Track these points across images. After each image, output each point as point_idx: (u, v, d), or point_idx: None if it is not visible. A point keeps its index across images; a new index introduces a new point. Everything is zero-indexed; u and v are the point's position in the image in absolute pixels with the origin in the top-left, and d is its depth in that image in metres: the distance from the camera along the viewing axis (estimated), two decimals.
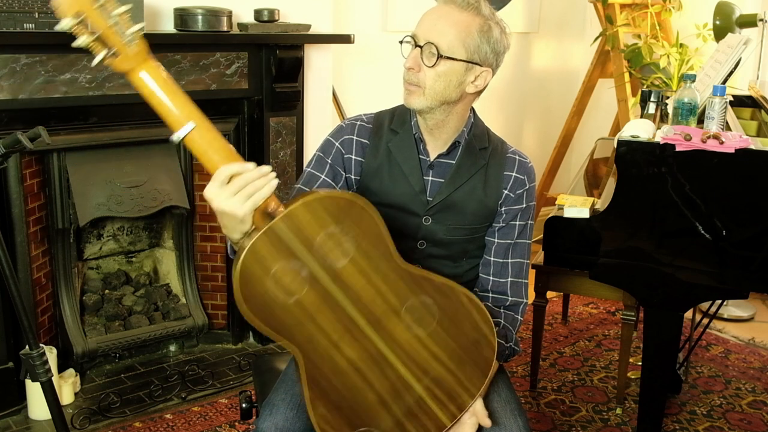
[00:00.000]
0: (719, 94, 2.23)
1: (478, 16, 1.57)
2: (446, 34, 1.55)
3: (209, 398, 2.78)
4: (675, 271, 2.13)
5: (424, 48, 1.56)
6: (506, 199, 1.71)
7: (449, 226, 1.70)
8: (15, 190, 2.54)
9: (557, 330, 3.46)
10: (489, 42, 1.59)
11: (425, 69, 1.56)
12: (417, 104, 1.60)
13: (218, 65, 2.82)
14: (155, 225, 3.12)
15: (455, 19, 1.56)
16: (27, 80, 2.43)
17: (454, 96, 1.60)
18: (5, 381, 2.60)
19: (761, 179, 2.02)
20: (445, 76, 1.57)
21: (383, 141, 1.69)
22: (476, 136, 1.70)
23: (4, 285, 1.72)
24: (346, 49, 3.37)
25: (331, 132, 1.75)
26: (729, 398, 2.91)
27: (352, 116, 1.77)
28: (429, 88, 1.58)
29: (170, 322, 3.02)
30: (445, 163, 1.69)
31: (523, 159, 1.74)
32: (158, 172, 2.89)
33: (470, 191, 1.69)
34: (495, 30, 1.60)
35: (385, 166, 1.68)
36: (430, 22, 1.57)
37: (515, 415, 1.60)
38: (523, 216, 1.73)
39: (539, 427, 2.67)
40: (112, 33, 1.25)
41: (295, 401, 1.58)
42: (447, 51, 1.55)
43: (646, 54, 3.92)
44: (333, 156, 1.70)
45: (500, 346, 1.68)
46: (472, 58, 1.57)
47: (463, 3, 1.57)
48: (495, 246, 1.74)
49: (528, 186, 1.73)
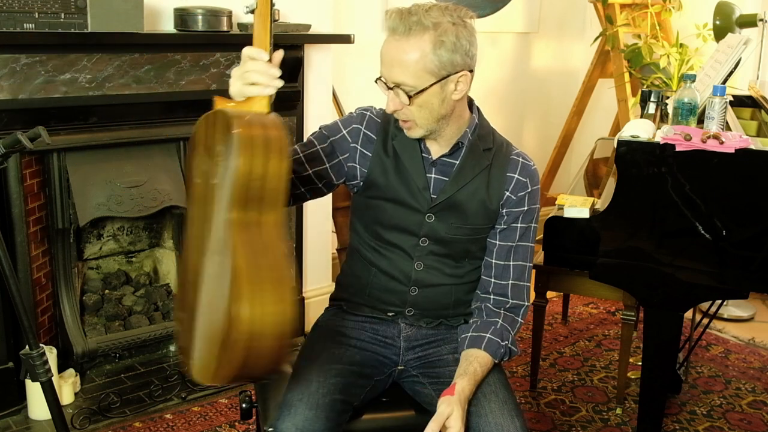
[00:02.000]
0: (719, 94, 2.23)
1: (425, 34, 1.53)
2: (406, 70, 1.54)
3: (209, 398, 2.78)
4: (675, 271, 2.13)
5: (395, 90, 1.57)
6: (507, 201, 1.71)
7: (451, 225, 1.70)
8: (15, 190, 2.54)
9: (557, 330, 3.46)
10: (450, 50, 1.55)
11: (407, 106, 1.58)
12: (416, 134, 1.64)
13: (218, 65, 2.82)
14: (155, 225, 3.12)
15: (406, 51, 1.53)
16: (27, 80, 2.43)
17: (444, 111, 1.61)
18: (5, 381, 2.60)
19: (761, 179, 2.02)
20: (426, 103, 1.58)
21: (389, 137, 1.71)
22: (481, 137, 1.71)
23: (4, 285, 1.72)
24: (346, 49, 3.36)
25: (341, 118, 1.76)
26: (729, 398, 2.90)
27: (363, 106, 1.77)
28: (418, 119, 1.60)
29: (170, 322, 3.02)
30: (448, 163, 1.70)
31: (526, 161, 1.75)
32: (158, 172, 2.89)
33: (473, 191, 1.69)
34: (450, 34, 1.54)
35: (391, 162, 1.70)
36: (388, 63, 1.57)
37: (513, 415, 1.60)
38: (525, 219, 1.73)
39: (539, 427, 2.67)
40: None
41: (313, 401, 1.57)
42: (414, 85, 1.55)
43: (646, 54, 3.92)
44: (337, 139, 1.72)
45: (496, 345, 1.68)
46: (441, 75, 1.56)
47: (404, 30, 1.53)
48: (497, 248, 1.74)
49: (530, 189, 1.73)
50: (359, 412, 1.70)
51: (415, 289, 1.76)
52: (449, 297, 1.78)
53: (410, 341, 1.80)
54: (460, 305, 1.80)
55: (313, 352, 1.73)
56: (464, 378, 1.62)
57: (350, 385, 1.66)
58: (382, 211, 1.73)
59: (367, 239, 1.78)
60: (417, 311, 1.79)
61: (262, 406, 1.81)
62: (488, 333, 1.69)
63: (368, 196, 1.75)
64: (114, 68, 2.59)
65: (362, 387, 1.71)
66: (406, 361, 1.80)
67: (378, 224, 1.75)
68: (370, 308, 1.81)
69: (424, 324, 1.80)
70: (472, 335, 1.71)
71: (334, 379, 1.63)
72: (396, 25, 1.54)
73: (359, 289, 1.81)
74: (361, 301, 1.82)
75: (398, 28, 1.54)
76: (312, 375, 1.63)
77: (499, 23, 4.23)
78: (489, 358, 1.67)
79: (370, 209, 1.76)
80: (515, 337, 1.75)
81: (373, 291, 1.79)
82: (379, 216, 1.74)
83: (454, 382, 1.61)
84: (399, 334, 1.80)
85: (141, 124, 2.77)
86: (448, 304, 1.79)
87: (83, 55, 2.52)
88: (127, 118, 2.73)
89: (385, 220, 1.74)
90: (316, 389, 1.59)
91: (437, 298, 1.78)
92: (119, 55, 2.58)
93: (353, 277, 1.83)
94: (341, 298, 1.86)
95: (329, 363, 1.68)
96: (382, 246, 1.76)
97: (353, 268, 1.84)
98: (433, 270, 1.75)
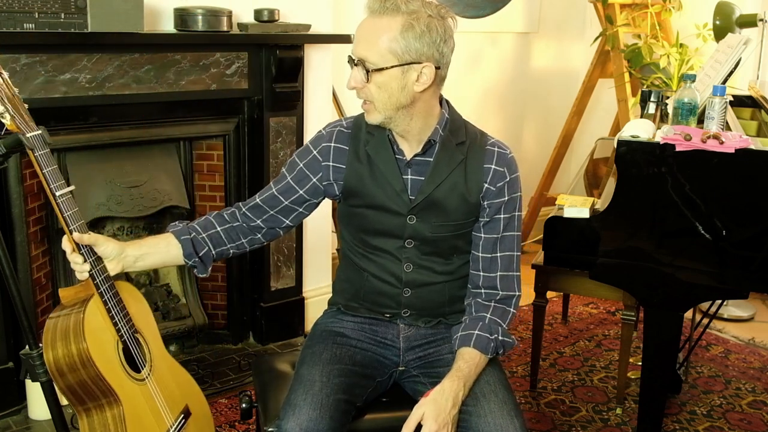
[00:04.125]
0: (719, 94, 2.23)
1: (397, 16, 1.54)
2: (372, 47, 1.56)
3: (209, 398, 2.77)
4: (675, 271, 2.13)
5: (358, 65, 1.58)
6: (487, 193, 1.70)
7: (434, 224, 1.70)
8: (15, 190, 2.54)
9: (557, 330, 3.46)
10: (419, 38, 1.55)
11: (366, 85, 1.59)
12: (374, 119, 1.64)
13: (218, 65, 2.82)
14: (155, 225, 3.12)
15: (376, 29, 1.56)
16: (27, 80, 2.43)
17: (404, 100, 1.60)
18: (5, 381, 2.60)
19: (761, 179, 2.02)
20: (385, 85, 1.58)
21: (362, 144, 1.71)
22: (452, 132, 1.70)
23: (4, 285, 1.72)
24: (346, 49, 3.35)
25: (311, 139, 1.78)
26: (729, 398, 2.90)
27: (333, 122, 1.79)
28: (377, 101, 1.61)
29: (170, 322, 3.02)
30: (422, 162, 1.70)
31: (502, 150, 1.73)
32: (158, 172, 2.89)
33: (451, 187, 1.69)
34: (421, 22, 1.55)
35: (366, 168, 1.70)
36: (358, 38, 1.59)
37: (512, 416, 1.59)
38: (507, 208, 1.72)
39: (539, 427, 2.67)
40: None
41: (317, 401, 1.57)
42: (376, 63, 1.56)
43: (646, 54, 3.92)
44: (307, 162, 1.75)
45: (485, 341, 1.68)
46: (404, 60, 1.56)
47: (380, 8, 1.56)
48: (482, 241, 1.74)
49: (509, 178, 1.71)
50: (361, 412, 1.70)
51: (408, 291, 1.76)
52: (443, 294, 1.78)
53: (410, 341, 1.80)
54: (456, 302, 1.79)
55: (314, 353, 1.73)
56: (447, 379, 1.62)
57: (353, 386, 1.66)
58: (364, 218, 1.74)
59: (355, 246, 1.79)
60: (413, 312, 1.78)
61: (262, 406, 1.81)
62: (476, 330, 1.69)
63: (350, 204, 1.76)
64: (114, 68, 2.59)
65: (364, 387, 1.71)
66: (406, 362, 1.80)
67: (362, 231, 1.76)
68: (368, 311, 1.81)
69: (423, 324, 1.80)
70: (461, 334, 1.71)
71: (338, 380, 1.64)
72: (373, 5, 1.57)
73: (354, 293, 1.82)
74: (357, 305, 1.82)
75: (374, 7, 1.57)
76: (315, 375, 1.63)
77: (499, 23, 4.23)
78: (478, 354, 1.67)
79: (353, 217, 1.76)
80: (508, 329, 1.74)
81: (367, 295, 1.79)
82: (363, 223, 1.75)
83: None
84: (398, 335, 1.80)
85: (141, 124, 2.77)
86: (443, 302, 1.79)
87: (83, 55, 2.52)
88: (127, 118, 2.73)
89: (368, 226, 1.74)
90: (320, 389, 1.59)
91: (431, 297, 1.77)
92: (119, 55, 2.59)
93: (347, 282, 1.84)
94: (338, 303, 1.87)
95: (332, 363, 1.68)
96: (370, 251, 1.76)
97: (346, 273, 1.85)
98: (423, 269, 1.75)
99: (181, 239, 1.72)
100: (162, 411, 1.76)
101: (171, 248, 1.72)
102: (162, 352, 1.85)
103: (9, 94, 1.54)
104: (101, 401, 1.66)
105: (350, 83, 1.62)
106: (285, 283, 3.23)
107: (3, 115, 1.51)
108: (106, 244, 1.64)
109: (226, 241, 1.76)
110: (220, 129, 2.99)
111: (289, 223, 1.79)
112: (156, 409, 1.75)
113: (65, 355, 1.59)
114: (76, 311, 1.62)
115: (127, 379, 1.69)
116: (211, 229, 1.75)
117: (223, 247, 1.77)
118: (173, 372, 1.88)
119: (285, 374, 1.88)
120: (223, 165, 3.05)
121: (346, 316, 1.83)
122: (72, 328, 1.60)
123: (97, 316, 1.64)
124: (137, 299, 1.81)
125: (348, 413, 1.63)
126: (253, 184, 3.06)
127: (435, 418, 1.54)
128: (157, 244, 1.73)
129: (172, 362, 1.90)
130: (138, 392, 1.72)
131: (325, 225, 3.33)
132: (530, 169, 4.53)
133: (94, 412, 1.67)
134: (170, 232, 1.74)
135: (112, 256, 1.65)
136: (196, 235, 1.74)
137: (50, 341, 1.60)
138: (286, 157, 3.08)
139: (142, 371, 1.74)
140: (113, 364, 1.66)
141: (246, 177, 3.07)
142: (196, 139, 3.01)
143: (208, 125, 2.95)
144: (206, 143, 3.03)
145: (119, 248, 1.66)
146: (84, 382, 1.62)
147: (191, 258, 1.73)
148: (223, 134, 3.01)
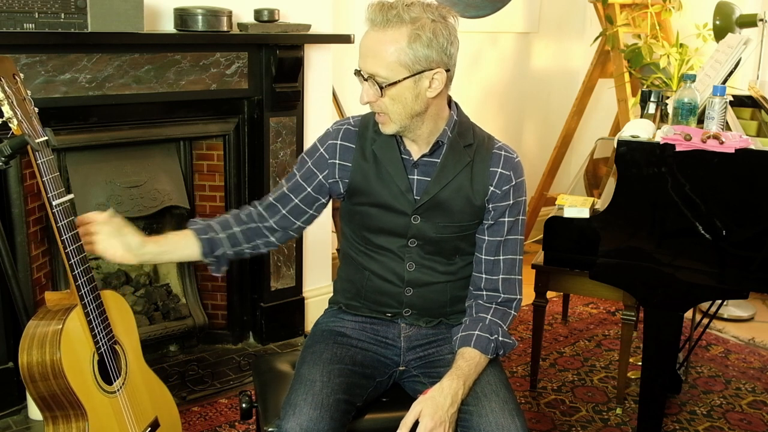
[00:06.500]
0: (719, 94, 2.23)
1: (402, 27, 1.54)
2: (381, 61, 1.55)
3: (209, 398, 2.78)
4: (675, 271, 2.13)
5: (369, 81, 1.58)
6: (492, 196, 1.71)
7: (438, 224, 1.70)
8: (15, 190, 2.54)
9: (557, 330, 3.46)
10: (427, 46, 1.55)
11: (380, 99, 1.59)
12: (390, 130, 1.64)
13: (218, 65, 2.82)
14: (155, 225, 3.12)
15: (382, 43, 1.55)
16: (27, 80, 2.42)
17: (418, 108, 1.61)
18: (5, 381, 2.60)
19: (761, 179, 2.02)
20: (399, 96, 1.58)
21: (368, 143, 1.71)
22: (461, 134, 1.71)
23: (5, 285, 1.72)
24: (346, 49, 3.36)
25: (319, 136, 1.79)
26: (729, 398, 2.91)
27: (341, 119, 1.80)
28: (392, 113, 1.61)
29: (170, 322, 3.02)
30: (429, 162, 1.70)
31: (509, 154, 1.73)
32: (158, 172, 2.89)
33: (457, 189, 1.69)
34: (427, 30, 1.54)
35: (371, 167, 1.71)
36: (364, 54, 1.58)
37: (513, 415, 1.60)
38: (512, 212, 1.73)
39: (539, 427, 2.67)
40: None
41: (317, 401, 1.57)
42: (387, 77, 1.56)
43: (646, 54, 3.92)
44: (314, 160, 1.76)
45: (485, 341, 1.68)
46: (415, 70, 1.56)
47: (382, 21, 1.55)
48: (486, 244, 1.74)
49: (515, 182, 1.72)
50: (361, 412, 1.70)
51: (409, 290, 1.76)
52: (445, 295, 1.78)
53: (411, 341, 1.80)
54: (458, 302, 1.80)
55: (315, 353, 1.73)
56: (446, 377, 1.62)
57: (353, 385, 1.67)
58: (367, 216, 1.74)
59: (357, 244, 1.79)
60: (415, 311, 1.79)
61: (262, 406, 1.81)
62: (476, 330, 1.69)
63: (353, 202, 1.76)
64: (114, 68, 2.59)
65: (365, 387, 1.71)
66: (407, 362, 1.80)
67: (365, 229, 1.76)
68: (369, 310, 1.81)
69: (424, 324, 1.80)
70: (462, 335, 1.71)
71: (338, 379, 1.64)
72: (375, 17, 1.56)
73: (355, 293, 1.82)
74: (358, 304, 1.82)
75: (377, 20, 1.55)
76: (315, 375, 1.64)
77: (499, 23, 4.23)
78: (478, 354, 1.67)
79: (357, 215, 1.77)
80: (509, 330, 1.74)
81: (368, 294, 1.79)
82: (366, 221, 1.75)
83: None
84: (399, 335, 1.80)
85: (141, 124, 2.77)
86: (444, 302, 1.79)
87: (83, 55, 2.52)
88: (127, 118, 2.73)
89: (371, 224, 1.74)
90: (320, 389, 1.60)
91: (433, 297, 1.78)
92: (119, 55, 2.59)
93: (348, 282, 1.84)
94: (339, 302, 1.87)
95: (332, 363, 1.68)
96: (372, 250, 1.77)
97: (347, 272, 1.85)
98: (425, 269, 1.75)
99: (201, 238, 1.74)
100: (129, 425, 1.77)
101: (189, 246, 1.74)
102: (139, 362, 1.87)
103: (20, 98, 1.53)
104: (68, 412, 1.66)
105: (363, 98, 1.61)
106: (285, 283, 3.23)
107: (11, 120, 1.51)
108: (131, 236, 1.66)
109: (243, 241, 1.78)
110: (220, 129, 2.99)
111: (300, 224, 1.80)
112: (123, 423, 1.75)
113: (39, 363, 1.61)
114: (56, 321, 1.63)
115: (98, 393, 1.70)
116: (228, 229, 1.77)
117: (239, 247, 1.78)
118: (147, 382, 1.89)
119: (285, 374, 1.89)
120: (223, 165, 3.05)
121: (347, 316, 1.84)
122: (49, 338, 1.61)
123: (77, 328, 1.65)
124: (121, 309, 1.83)
125: (348, 413, 1.63)
126: (253, 184, 3.06)
127: (432, 415, 1.54)
128: (177, 242, 1.75)
129: (148, 372, 1.91)
130: (107, 405, 1.72)
131: (325, 225, 3.33)
132: (530, 169, 4.50)
133: (60, 421, 1.67)
134: (190, 229, 1.76)
135: (130, 247, 1.66)
136: (213, 235, 1.75)
137: (26, 346, 1.62)
138: (286, 157, 3.08)
139: (115, 383, 1.75)
140: (85, 377, 1.66)
141: (246, 177, 3.07)
142: (196, 139, 3.01)
143: (208, 125, 2.95)
144: (206, 143, 3.03)
145: (140, 243, 1.68)
146: (54, 392, 1.63)
147: (207, 257, 1.76)
148: (223, 134, 3.01)
